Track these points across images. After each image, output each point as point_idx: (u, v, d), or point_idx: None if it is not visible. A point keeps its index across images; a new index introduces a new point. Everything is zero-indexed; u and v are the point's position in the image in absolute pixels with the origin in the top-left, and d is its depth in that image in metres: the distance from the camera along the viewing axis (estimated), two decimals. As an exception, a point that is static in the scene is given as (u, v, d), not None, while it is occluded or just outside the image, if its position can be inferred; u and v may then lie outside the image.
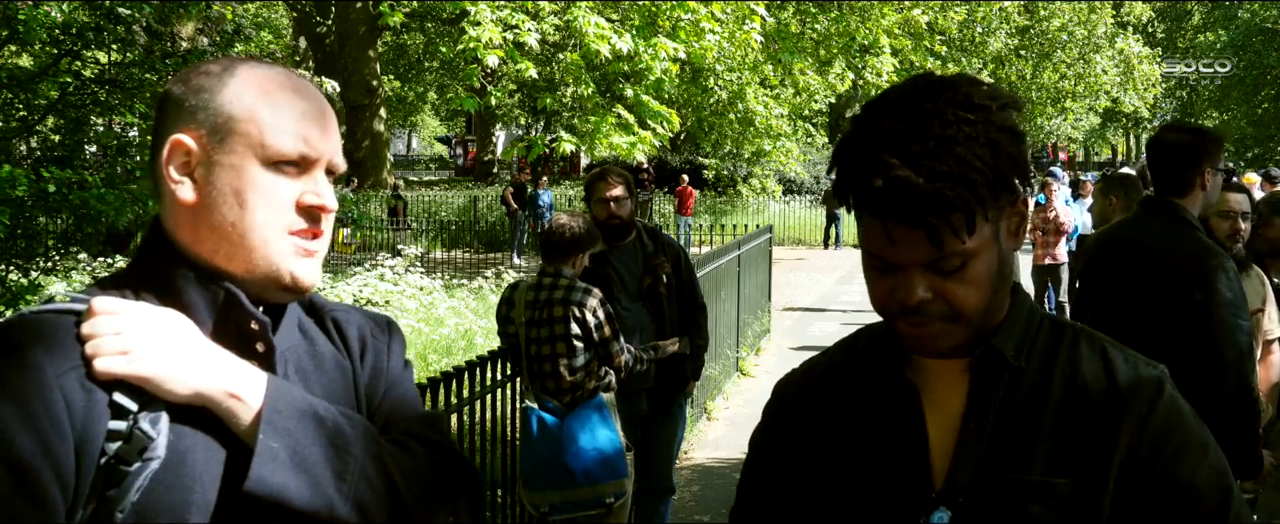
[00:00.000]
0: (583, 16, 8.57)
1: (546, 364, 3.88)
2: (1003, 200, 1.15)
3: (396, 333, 1.36)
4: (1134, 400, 1.18)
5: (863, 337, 1.36)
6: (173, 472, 1.08)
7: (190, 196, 1.16)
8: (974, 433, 1.21)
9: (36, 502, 1.02)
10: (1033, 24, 23.97)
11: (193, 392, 1.09)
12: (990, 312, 1.20)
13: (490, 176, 34.19)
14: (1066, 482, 1.17)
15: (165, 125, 1.19)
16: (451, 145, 48.86)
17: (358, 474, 1.13)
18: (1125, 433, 1.17)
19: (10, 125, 6.50)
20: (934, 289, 1.15)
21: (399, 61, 33.67)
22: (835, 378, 1.34)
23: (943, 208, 1.09)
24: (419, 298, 9.02)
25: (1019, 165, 1.15)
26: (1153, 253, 2.95)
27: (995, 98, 1.15)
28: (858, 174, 1.13)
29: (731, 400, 7.83)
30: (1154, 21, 37.11)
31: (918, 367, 1.26)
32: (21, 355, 1.05)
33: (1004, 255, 1.19)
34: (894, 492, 1.23)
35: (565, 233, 3.91)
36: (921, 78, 1.18)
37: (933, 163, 1.09)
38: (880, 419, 1.26)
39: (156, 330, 1.10)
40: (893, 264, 1.16)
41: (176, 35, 7.26)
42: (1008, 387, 1.22)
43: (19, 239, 5.91)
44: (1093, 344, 1.24)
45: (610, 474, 3.85)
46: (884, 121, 1.13)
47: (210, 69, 1.19)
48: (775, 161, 16.46)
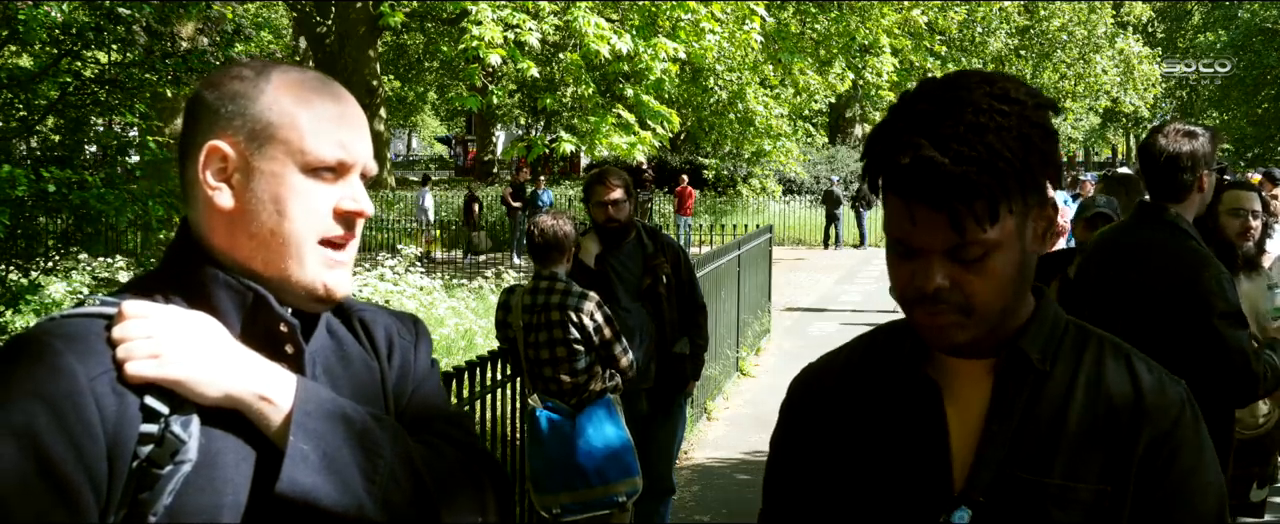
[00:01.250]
0: (583, 16, 8.58)
1: (546, 368, 3.88)
2: (1031, 198, 1.15)
3: (423, 332, 1.37)
4: (1157, 415, 1.19)
5: (883, 333, 1.35)
6: (205, 474, 1.09)
7: (228, 203, 1.16)
8: (997, 434, 1.20)
9: (71, 507, 1.03)
10: (1033, 24, 23.97)
11: (223, 394, 1.10)
12: (1008, 311, 1.20)
13: (490, 176, 34.19)
14: (1088, 487, 1.18)
15: (198, 131, 1.18)
16: (451, 145, 48.87)
17: (387, 475, 1.14)
18: (1144, 444, 1.19)
19: (10, 125, 6.50)
20: (952, 278, 1.15)
21: (399, 61, 33.66)
22: (855, 374, 1.33)
23: (967, 192, 1.10)
24: (419, 298, 9.02)
25: (1050, 165, 1.15)
26: (1145, 261, 2.90)
27: (1032, 95, 1.16)
28: (887, 153, 1.14)
29: (731, 400, 7.83)
30: (1154, 21, 37.11)
31: (940, 365, 1.26)
32: (53, 360, 1.05)
33: (1027, 256, 1.19)
34: (914, 490, 1.23)
35: (549, 234, 3.89)
36: (962, 71, 1.19)
37: (961, 147, 1.10)
38: (901, 416, 1.26)
39: (187, 334, 1.10)
40: (915, 249, 1.16)
41: (176, 35, 7.26)
42: (1032, 390, 1.22)
43: (19, 239, 5.91)
44: (1118, 353, 1.25)
45: (623, 473, 3.84)
46: (919, 105, 1.14)
47: (243, 73, 1.19)
48: (775, 161, 16.46)
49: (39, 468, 1.01)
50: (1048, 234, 1.21)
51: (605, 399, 3.89)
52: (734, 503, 5.60)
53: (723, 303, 7.73)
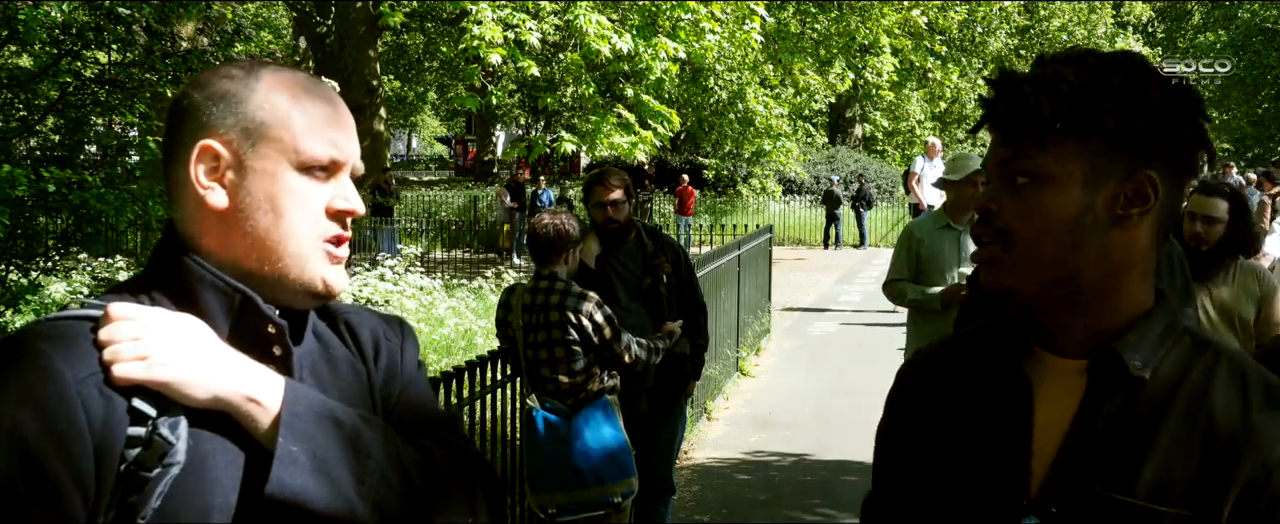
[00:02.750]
0: (583, 16, 8.58)
1: (545, 368, 3.87)
2: (1114, 156, 1.12)
3: (409, 333, 1.36)
4: (1265, 439, 1.07)
5: (992, 324, 1.28)
6: (194, 476, 1.08)
7: (222, 203, 1.16)
8: (1080, 441, 1.13)
9: (57, 509, 1.02)
10: (1033, 24, 23.96)
11: (211, 396, 1.09)
12: (1074, 277, 1.14)
13: (490, 177, 34.18)
14: (1171, 512, 1.07)
15: (186, 131, 1.17)
16: (451, 145, 48.83)
17: (377, 477, 1.13)
18: (1245, 474, 1.07)
19: (10, 125, 6.50)
20: (1001, 202, 1.15)
21: (399, 61, 33.62)
22: (955, 364, 1.28)
23: (1018, 100, 1.12)
24: (419, 298, 9.02)
25: (1140, 125, 1.11)
26: None
27: (1159, 72, 1.15)
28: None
29: (731, 400, 7.83)
30: (1154, 21, 37.09)
31: (1037, 362, 1.20)
32: (41, 362, 1.04)
33: (1096, 215, 1.12)
34: (990, 492, 1.17)
35: (549, 232, 3.88)
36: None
37: (1037, 72, 1.14)
38: (990, 412, 1.20)
39: (174, 335, 1.10)
40: (988, 177, 1.19)
41: (176, 35, 7.26)
42: (1125, 398, 1.13)
43: (19, 239, 5.91)
44: (1234, 366, 1.13)
45: (619, 474, 3.84)
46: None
47: (232, 73, 1.18)
48: (775, 161, 16.46)
49: (25, 470, 1.01)
50: (1132, 207, 1.12)
51: (603, 400, 3.89)
52: (734, 503, 5.60)
53: (723, 303, 7.73)
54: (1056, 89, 1.10)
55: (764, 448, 6.59)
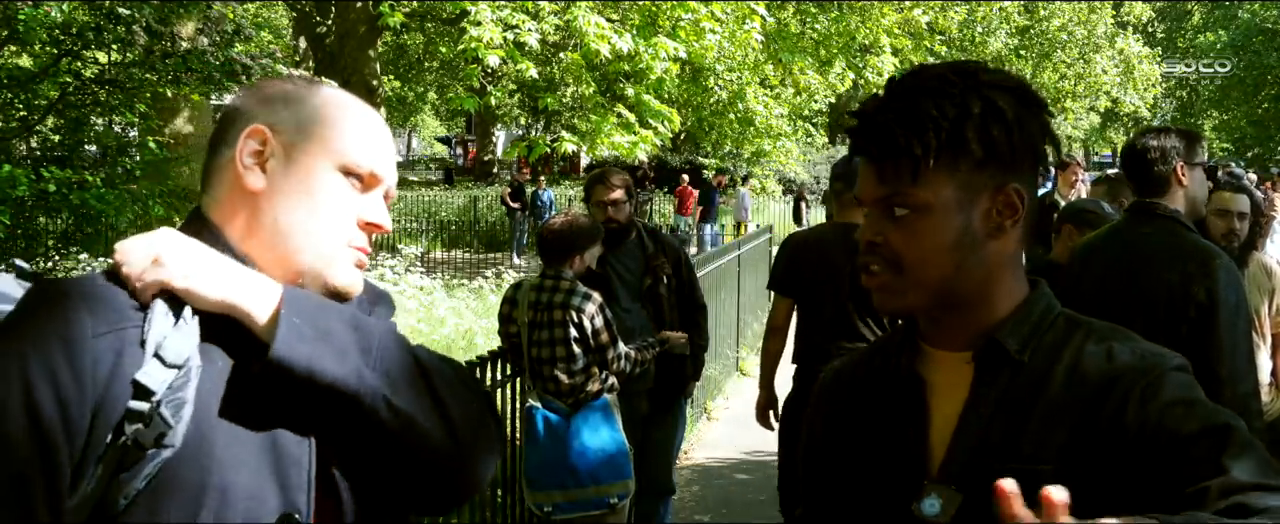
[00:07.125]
0: (583, 16, 8.57)
1: (546, 367, 3.88)
2: (981, 176, 1.20)
3: (382, 298, 1.37)
4: (1131, 376, 1.16)
5: (888, 336, 1.40)
6: (191, 454, 1.09)
7: (258, 185, 1.20)
8: (972, 422, 1.23)
9: (40, 441, 1.05)
10: (1033, 24, 23.95)
11: (221, 297, 1.12)
12: (959, 287, 1.23)
13: (490, 176, 34.17)
14: (1050, 468, 1.15)
15: (239, 122, 1.22)
16: (451, 145, 48.81)
17: (382, 351, 1.15)
18: (1113, 404, 1.15)
19: (10, 125, 6.50)
20: (884, 234, 1.22)
21: (399, 61, 33.60)
22: (855, 374, 1.39)
23: (889, 143, 1.19)
24: (419, 298, 9.02)
25: (1000, 144, 1.19)
26: (1152, 257, 2.91)
27: (1006, 81, 1.22)
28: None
29: (731, 400, 7.83)
30: (1154, 21, 37.07)
31: (927, 361, 1.30)
32: (65, 306, 1.09)
33: (973, 233, 1.21)
34: (891, 476, 1.26)
35: (561, 233, 3.90)
36: (952, 60, 1.28)
37: (898, 104, 1.20)
38: (890, 411, 1.30)
39: (183, 247, 1.15)
40: (862, 205, 1.25)
41: (176, 35, 7.25)
42: (1009, 379, 1.23)
43: (19, 239, 5.91)
44: (1102, 338, 1.23)
45: (615, 475, 3.85)
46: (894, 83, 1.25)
47: (295, 81, 1.26)
48: (775, 161, 16.45)
49: (24, 398, 1.05)
50: (1003, 220, 1.22)
51: (602, 400, 3.89)
52: (734, 503, 5.60)
53: (723, 303, 7.73)
54: (923, 127, 1.18)
55: (764, 448, 6.58)
